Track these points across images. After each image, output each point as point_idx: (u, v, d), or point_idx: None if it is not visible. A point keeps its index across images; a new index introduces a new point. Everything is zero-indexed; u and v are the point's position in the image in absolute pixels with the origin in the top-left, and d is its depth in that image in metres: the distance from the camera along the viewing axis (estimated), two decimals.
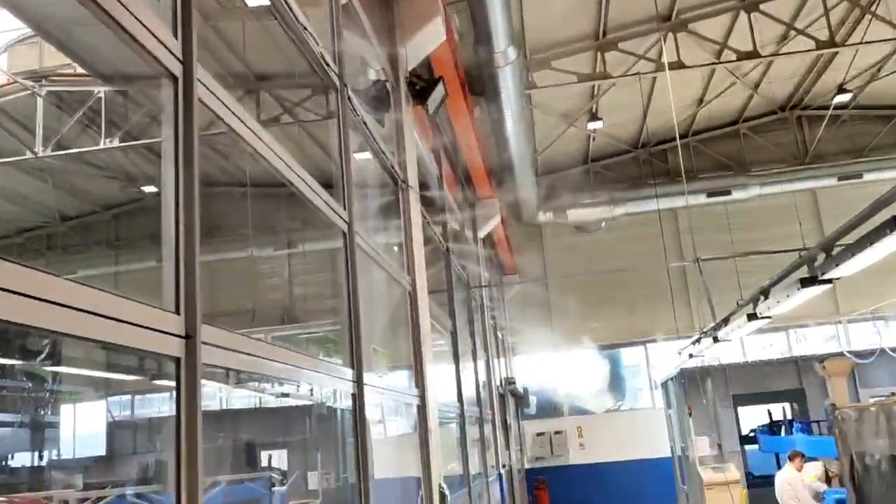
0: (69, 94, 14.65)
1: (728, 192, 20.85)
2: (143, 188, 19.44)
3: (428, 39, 7.71)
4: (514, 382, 16.00)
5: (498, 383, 14.94)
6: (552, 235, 22.70)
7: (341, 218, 5.16)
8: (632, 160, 22.49)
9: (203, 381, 2.71)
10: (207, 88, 3.12)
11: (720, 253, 22.03)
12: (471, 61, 12.39)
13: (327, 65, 5.46)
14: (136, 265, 20.92)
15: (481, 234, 14.61)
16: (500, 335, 17.99)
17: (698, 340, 12.61)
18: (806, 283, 7.32)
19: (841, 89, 18.41)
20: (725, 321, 10.62)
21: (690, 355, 12.56)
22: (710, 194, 20.79)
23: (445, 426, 10.37)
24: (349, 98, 6.29)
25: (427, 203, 9.29)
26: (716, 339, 10.54)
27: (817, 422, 12.41)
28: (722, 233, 21.80)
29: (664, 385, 18.38)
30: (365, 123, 6.80)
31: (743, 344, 21.12)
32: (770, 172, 21.00)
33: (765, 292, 9.06)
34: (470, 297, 12.37)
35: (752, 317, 9.24)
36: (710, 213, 21.84)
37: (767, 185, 20.76)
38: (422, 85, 7.40)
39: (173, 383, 2.66)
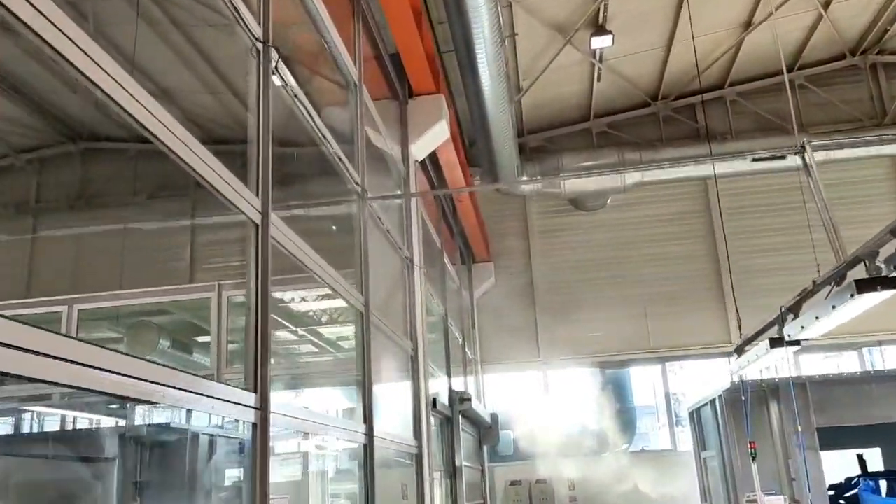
0: None
1: (782, 157, 15.23)
2: None
3: None
4: (468, 399, 10.13)
5: (441, 399, 9.14)
6: (540, 214, 17.04)
7: None
8: (648, 117, 16.93)
9: None
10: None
11: (764, 243, 16.57)
12: None
13: None
14: None
15: (417, 150, 8.95)
16: (452, 328, 12.11)
17: (780, 322, 6.89)
18: (775, 343, 7.12)
19: None
20: None
21: (774, 340, 6.79)
22: (755, 160, 15.23)
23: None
24: None
25: None
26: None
27: None
28: (767, 215, 16.25)
29: (695, 414, 12.54)
30: None
31: (799, 366, 15.37)
32: (841, 130, 15.51)
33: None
34: (360, 211, 6.57)
35: None
36: (748, 192, 16.34)
37: (835, 149, 15.22)
38: None
39: None
